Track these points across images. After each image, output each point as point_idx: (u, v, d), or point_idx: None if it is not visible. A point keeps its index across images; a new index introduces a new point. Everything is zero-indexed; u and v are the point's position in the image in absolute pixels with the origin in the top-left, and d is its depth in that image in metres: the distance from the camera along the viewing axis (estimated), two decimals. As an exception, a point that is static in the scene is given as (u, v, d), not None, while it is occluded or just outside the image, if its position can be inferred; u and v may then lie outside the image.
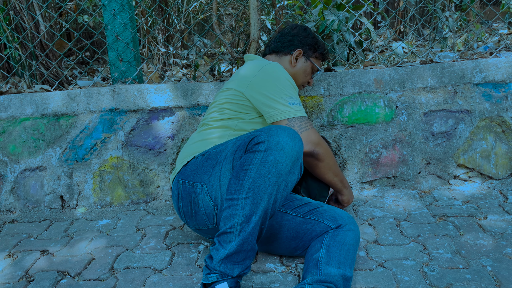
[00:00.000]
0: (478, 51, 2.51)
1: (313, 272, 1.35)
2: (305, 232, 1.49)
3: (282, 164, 1.30)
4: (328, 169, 1.68)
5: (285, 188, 1.35)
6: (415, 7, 2.52)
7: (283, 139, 1.31)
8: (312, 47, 1.84)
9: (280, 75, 1.61)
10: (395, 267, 1.49)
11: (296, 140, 1.33)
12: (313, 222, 1.49)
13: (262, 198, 1.29)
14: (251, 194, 1.29)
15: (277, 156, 1.29)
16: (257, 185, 1.29)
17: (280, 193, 1.33)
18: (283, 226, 1.52)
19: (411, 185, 2.15)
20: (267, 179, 1.29)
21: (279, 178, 1.31)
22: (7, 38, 2.37)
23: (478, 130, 2.13)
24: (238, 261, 1.30)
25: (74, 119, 2.13)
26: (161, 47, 3.05)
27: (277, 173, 1.30)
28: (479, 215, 1.83)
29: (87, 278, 1.54)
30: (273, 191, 1.30)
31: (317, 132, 1.62)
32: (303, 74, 1.84)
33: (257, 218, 1.29)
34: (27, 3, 2.36)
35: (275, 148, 1.30)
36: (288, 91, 1.60)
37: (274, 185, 1.30)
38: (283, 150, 1.30)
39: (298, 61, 1.83)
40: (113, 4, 2.19)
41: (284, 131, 1.33)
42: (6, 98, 2.13)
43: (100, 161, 2.14)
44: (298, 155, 1.34)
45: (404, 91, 2.11)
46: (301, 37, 1.84)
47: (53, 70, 2.47)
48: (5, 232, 1.97)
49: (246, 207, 1.28)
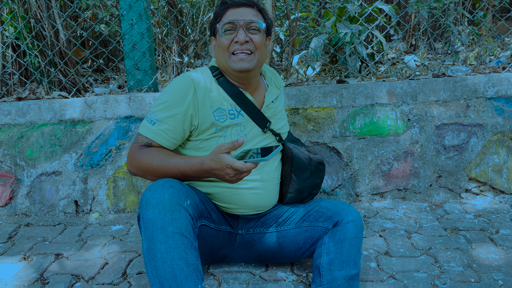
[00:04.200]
0: (491, 65, 2.52)
1: (317, 281, 1.37)
2: (305, 240, 1.48)
3: (158, 218, 1.20)
4: (158, 177, 1.38)
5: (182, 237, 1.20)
6: (428, 21, 2.55)
7: (148, 196, 1.24)
8: (213, 22, 1.49)
9: (165, 90, 1.45)
10: (406, 279, 1.49)
11: (164, 189, 1.24)
12: (309, 229, 1.47)
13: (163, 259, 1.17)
14: (152, 265, 1.18)
15: (150, 214, 1.21)
16: (152, 253, 1.19)
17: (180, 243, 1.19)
18: (281, 244, 1.52)
19: (422, 197, 2.15)
20: (155, 240, 1.19)
21: (166, 231, 1.19)
22: (27, 46, 2.44)
23: (490, 144, 2.13)
24: None
25: (90, 125, 2.18)
26: (175, 57, 3.10)
27: (159, 228, 1.19)
28: (490, 229, 1.82)
29: (100, 282, 1.57)
30: (168, 246, 1.17)
31: (132, 148, 1.42)
32: (220, 51, 1.45)
33: (168, 282, 1.16)
34: (48, 12, 2.43)
35: (146, 209, 1.23)
36: (157, 107, 1.42)
37: (166, 241, 1.18)
38: (152, 206, 1.22)
39: (214, 44, 1.51)
40: (131, 14, 2.24)
41: (149, 189, 1.26)
42: (25, 104, 2.18)
43: (114, 167, 2.18)
44: (171, 201, 1.22)
45: (416, 104, 2.12)
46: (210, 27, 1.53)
47: (71, 78, 2.53)
48: (21, 235, 2.01)
49: (155, 281, 1.18)
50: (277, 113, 1.58)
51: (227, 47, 1.43)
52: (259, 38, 1.43)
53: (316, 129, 2.14)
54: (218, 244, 1.49)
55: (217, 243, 1.49)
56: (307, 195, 1.59)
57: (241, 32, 1.41)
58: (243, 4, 1.44)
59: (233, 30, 1.42)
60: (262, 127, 1.51)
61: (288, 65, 2.56)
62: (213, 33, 1.50)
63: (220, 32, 1.44)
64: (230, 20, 1.41)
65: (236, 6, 1.43)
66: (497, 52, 3.31)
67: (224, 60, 1.45)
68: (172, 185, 1.26)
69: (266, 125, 1.52)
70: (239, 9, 1.43)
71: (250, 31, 1.42)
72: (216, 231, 1.46)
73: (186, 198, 1.27)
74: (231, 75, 1.48)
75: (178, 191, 1.25)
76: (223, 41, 1.43)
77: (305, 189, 1.57)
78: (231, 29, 1.42)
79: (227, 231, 1.50)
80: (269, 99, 1.55)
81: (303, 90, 2.12)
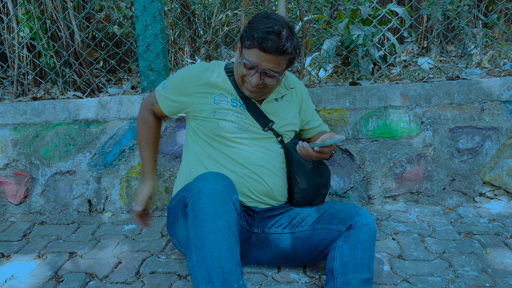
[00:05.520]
0: (505, 68, 2.49)
1: (331, 284, 1.37)
2: (319, 242, 1.48)
3: (210, 207, 1.23)
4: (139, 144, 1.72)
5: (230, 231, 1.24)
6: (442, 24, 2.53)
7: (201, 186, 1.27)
8: (243, 36, 1.44)
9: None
10: (420, 283, 1.48)
11: (216, 181, 1.28)
12: (323, 231, 1.47)
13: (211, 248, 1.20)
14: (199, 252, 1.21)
15: (202, 203, 1.24)
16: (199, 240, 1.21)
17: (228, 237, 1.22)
18: (295, 246, 1.53)
19: (435, 201, 2.13)
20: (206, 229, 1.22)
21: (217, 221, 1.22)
22: (43, 46, 2.47)
23: (505, 148, 2.11)
24: None
25: (104, 125, 2.19)
26: (188, 58, 3.12)
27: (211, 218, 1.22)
28: (505, 233, 1.80)
29: (114, 281, 1.58)
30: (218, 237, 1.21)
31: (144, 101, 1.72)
32: (236, 68, 1.50)
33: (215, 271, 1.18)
34: (64, 13, 2.46)
35: (198, 198, 1.25)
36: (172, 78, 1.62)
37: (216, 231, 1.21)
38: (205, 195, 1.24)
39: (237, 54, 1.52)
40: (145, 15, 2.26)
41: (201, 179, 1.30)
42: (40, 104, 2.21)
43: (127, 167, 2.19)
44: (223, 194, 1.26)
45: (430, 106, 2.11)
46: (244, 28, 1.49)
47: (85, 78, 2.55)
48: (35, 233, 2.03)
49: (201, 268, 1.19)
50: (280, 112, 1.60)
51: (242, 76, 1.48)
52: (273, 82, 1.46)
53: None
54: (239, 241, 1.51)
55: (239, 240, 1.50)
56: (314, 195, 1.59)
57: (256, 76, 1.43)
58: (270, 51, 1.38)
59: (251, 70, 1.43)
60: (262, 126, 1.55)
61: (300, 66, 2.56)
62: (241, 41, 1.47)
63: (239, 60, 1.45)
64: (251, 63, 1.41)
65: (263, 51, 1.39)
66: (511, 55, 3.27)
67: (237, 79, 1.52)
68: (223, 178, 1.31)
69: (268, 124, 1.56)
70: (266, 55, 1.39)
71: (266, 75, 1.44)
72: (240, 226, 1.48)
73: (234, 192, 1.32)
74: (238, 84, 1.55)
75: (228, 184, 1.30)
76: (240, 69, 1.46)
77: (309, 188, 1.57)
78: (249, 68, 1.43)
79: (245, 228, 1.53)
80: (272, 96, 1.59)
81: (316, 92, 2.12)
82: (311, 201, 1.60)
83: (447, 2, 2.63)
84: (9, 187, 2.25)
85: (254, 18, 1.43)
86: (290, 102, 1.66)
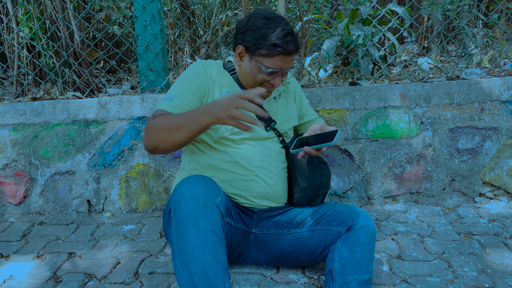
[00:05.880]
0: (505, 68, 2.49)
1: (330, 284, 1.37)
2: (318, 243, 1.48)
3: (192, 212, 1.21)
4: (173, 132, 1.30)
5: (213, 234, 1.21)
6: (442, 24, 2.52)
7: (182, 190, 1.25)
8: (254, 43, 1.42)
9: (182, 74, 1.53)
10: (419, 283, 1.48)
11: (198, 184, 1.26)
12: (322, 232, 1.47)
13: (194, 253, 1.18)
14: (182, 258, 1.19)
15: (184, 208, 1.22)
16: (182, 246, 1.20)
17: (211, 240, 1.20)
18: (294, 247, 1.52)
19: (435, 201, 2.13)
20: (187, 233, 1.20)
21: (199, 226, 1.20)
22: (42, 46, 2.47)
23: (505, 148, 2.10)
24: None
25: (104, 126, 2.19)
26: (187, 58, 3.12)
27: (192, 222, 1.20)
28: (505, 234, 1.80)
29: (113, 282, 1.58)
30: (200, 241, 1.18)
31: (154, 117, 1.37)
32: (249, 75, 1.48)
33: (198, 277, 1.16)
34: (63, 13, 2.46)
35: (180, 202, 1.24)
36: (172, 88, 1.48)
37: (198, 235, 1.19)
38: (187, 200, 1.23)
39: (243, 59, 1.49)
40: (144, 15, 2.26)
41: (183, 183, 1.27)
42: (39, 104, 2.21)
43: (127, 167, 2.19)
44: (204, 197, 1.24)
45: (430, 106, 2.11)
46: (242, 30, 1.46)
47: (84, 78, 2.55)
48: (34, 234, 2.03)
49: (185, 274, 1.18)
50: (279, 110, 1.61)
51: (261, 82, 1.47)
52: (289, 77, 1.52)
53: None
54: (235, 242, 1.50)
55: (234, 241, 1.50)
56: (314, 195, 1.59)
57: (279, 78, 1.47)
58: (293, 52, 1.43)
59: (274, 74, 1.45)
60: (265, 126, 1.56)
61: (300, 66, 2.56)
62: (251, 50, 1.44)
63: (261, 68, 1.43)
64: (277, 70, 1.42)
65: (287, 55, 1.42)
66: (512, 55, 3.27)
67: (251, 84, 1.50)
68: (205, 181, 1.28)
69: (270, 124, 1.56)
70: (289, 57, 1.43)
71: (284, 73, 1.49)
72: (234, 228, 1.47)
73: (217, 194, 1.28)
74: (246, 85, 1.54)
75: (211, 187, 1.27)
76: (258, 77, 1.46)
77: (310, 188, 1.57)
78: (272, 73, 1.44)
79: (242, 230, 1.52)
80: (272, 95, 1.59)
81: (315, 92, 2.12)
82: (311, 200, 1.59)
83: (447, 1, 2.62)
84: (8, 187, 2.25)
85: (256, 23, 1.42)
86: (288, 97, 1.67)
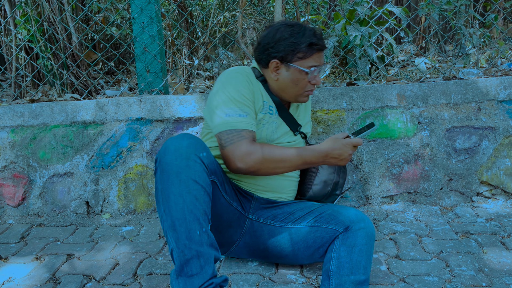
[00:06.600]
0: (502, 68, 2.50)
1: (325, 284, 1.37)
2: (315, 240, 1.48)
3: (174, 163, 1.28)
4: (280, 168, 1.44)
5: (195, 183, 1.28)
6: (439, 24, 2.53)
7: (168, 143, 1.32)
8: (289, 50, 1.48)
9: (225, 84, 1.47)
10: (417, 282, 1.48)
11: (183, 139, 1.32)
12: (320, 229, 1.48)
13: (176, 201, 1.26)
14: (165, 205, 1.28)
15: (168, 159, 1.29)
16: (165, 193, 1.28)
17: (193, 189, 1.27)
18: (291, 240, 1.53)
19: (433, 201, 2.14)
20: (170, 183, 1.27)
21: (180, 175, 1.27)
22: (40, 48, 2.47)
23: (502, 148, 2.11)
24: (194, 273, 1.25)
25: (102, 127, 2.20)
26: (185, 59, 3.12)
27: (175, 172, 1.27)
28: (502, 233, 1.81)
29: (111, 283, 1.58)
30: (182, 190, 1.27)
31: (244, 143, 1.40)
32: (292, 84, 1.51)
33: (180, 221, 1.25)
34: (61, 15, 2.46)
35: (164, 154, 1.30)
36: (229, 103, 1.44)
37: (179, 184, 1.27)
38: (170, 152, 1.29)
39: (280, 72, 1.52)
40: (142, 17, 2.26)
41: (170, 138, 1.34)
42: (38, 106, 2.21)
43: (125, 168, 2.20)
44: (188, 150, 1.30)
45: (427, 106, 2.11)
46: (272, 44, 1.49)
47: (83, 80, 2.56)
48: (33, 235, 2.04)
49: (167, 219, 1.27)
50: (301, 113, 1.69)
51: (304, 87, 1.52)
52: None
53: (326, 131, 2.14)
54: (227, 219, 1.52)
55: (227, 217, 1.52)
56: (330, 191, 1.66)
57: (318, 76, 1.54)
58: (325, 47, 1.54)
59: (315, 71, 1.51)
60: (293, 130, 1.62)
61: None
62: (288, 59, 1.49)
63: (303, 70, 1.48)
64: (318, 65, 1.50)
65: (321, 50, 1.51)
66: (509, 55, 3.28)
67: (293, 94, 1.54)
68: (191, 137, 1.34)
69: (297, 128, 1.63)
70: (322, 53, 1.52)
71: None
72: (228, 203, 1.50)
73: (202, 150, 1.34)
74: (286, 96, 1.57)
75: (196, 142, 1.33)
76: (302, 83, 1.51)
77: (329, 182, 1.64)
78: (314, 71, 1.50)
79: (238, 210, 1.54)
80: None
81: (313, 93, 2.12)
82: (325, 197, 1.66)
83: (443, 2, 2.63)
84: (7, 189, 2.25)
85: (284, 33, 1.48)
86: (305, 104, 1.73)
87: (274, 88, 1.56)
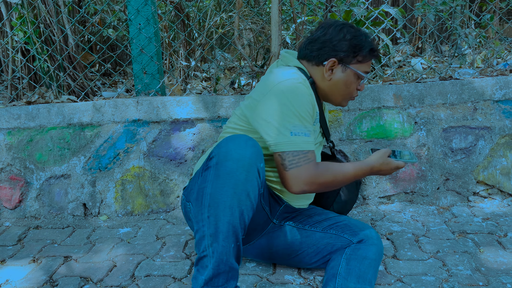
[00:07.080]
0: (498, 68, 2.51)
1: (331, 285, 1.37)
2: (326, 246, 1.49)
3: (235, 173, 1.23)
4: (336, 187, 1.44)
5: (247, 198, 1.24)
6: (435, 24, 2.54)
7: (231, 147, 1.25)
8: (351, 52, 1.45)
9: (288, 94, 1.36)
10: (414, 282, 1.49)
11: (247, 147, 1.26)
12: (333, 236, 1.49)
13: (224, 212, 1.22)
14: (212, 212, 1.23)
15: (228, 166, 1.23)
16: (215, 200, 1.23)
17: (243, 204, 1.24)
18: (303, 243, 1.53)
19: (430, 201, 2.14)
20: (224, 192, 1.23)
21: (237, 188, 1.23)
22: (37, 50, 2.47)
23: (498, 147, 2.12)
24: (219, 285, 1.25)
25: (99, 129, 2.20)
26: (182, 61, 3.12)
27: (232, 184, 1.22)
28: (499, 232, 1.81)
29: (109, 285, 1.58)
30: (233, 203, 1.22)
31: (311, 168, 1.35)
32: (343, 86, 1.48)
33: (224, 235, 1.22)
34: (57, 17, 2.46)
35: (225, 159, 1.24)
36: (293, 118, 1.35)
37: (233, 197, 1.22)
38: (233, 159, 1.23)
39: (335, 72, 1.47)
40: (139, 19, 2.26)
41: (232, 140, 1.27)
42: (34, 108, 2.21)
43: (122, 170, 2.19)
44: (250, 161, 1.24)
45: (423, 106, 2.12)
46: (334, 42, 1.45)
47: (79, 82, 2.55)
48: (30, 238, 2.03)
49: (211, 226, 1.23)
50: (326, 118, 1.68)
51: (353, 91, 1.52)
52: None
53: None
54: (256, 221, 1.49)
55: (256, 220, 1.49)
56: (348, 210, 1.77)
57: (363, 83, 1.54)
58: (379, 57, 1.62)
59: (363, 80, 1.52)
60: (327, 137, 1.63)
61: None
62: (346, 60, 1.46)
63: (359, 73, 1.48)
64: (368, 71, 1.51)
65: (376, 58, 1.54)
66: (504, 55, 3.29)
67: (341, 96, 1.52)
68: (254, 145, 1.28)
69: (329, 137, 1.66)
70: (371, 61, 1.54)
71: None
72: (262, 207, 1.49)
73: (261, 160, 1.30)
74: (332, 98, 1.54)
75: (257, 152, 1.28)
76: (352, 86, 1.50)
77: (349, 202, 1.73)
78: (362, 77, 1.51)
79: (267, 214, 1.54)
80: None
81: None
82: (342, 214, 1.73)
83: (439, 2, 2.64)
84: (3, 192, 2.24)
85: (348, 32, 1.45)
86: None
87: (324, 89, 1.51)
